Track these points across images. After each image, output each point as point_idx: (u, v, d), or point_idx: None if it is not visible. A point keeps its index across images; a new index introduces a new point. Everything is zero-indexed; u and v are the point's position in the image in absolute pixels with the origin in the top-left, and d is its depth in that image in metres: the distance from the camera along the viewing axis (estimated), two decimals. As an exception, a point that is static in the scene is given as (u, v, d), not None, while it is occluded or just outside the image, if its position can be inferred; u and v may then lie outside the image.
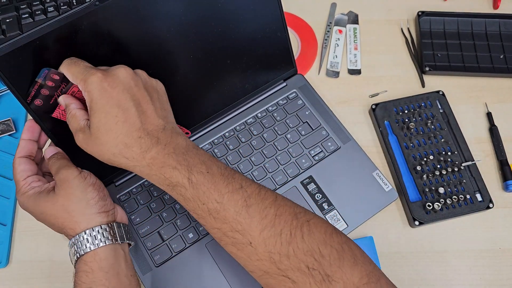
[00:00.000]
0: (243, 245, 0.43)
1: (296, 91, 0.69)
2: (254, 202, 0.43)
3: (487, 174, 0.66)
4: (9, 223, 0.62)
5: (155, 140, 0.44)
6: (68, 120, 0.47)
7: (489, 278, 0.60)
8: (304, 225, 0.43)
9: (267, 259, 0.42)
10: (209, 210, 0.44)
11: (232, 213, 0.43)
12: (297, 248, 0.41)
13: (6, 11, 0.74)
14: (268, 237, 0.42)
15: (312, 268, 0.40)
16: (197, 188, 0.43)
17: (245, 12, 0.57)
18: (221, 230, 0.44)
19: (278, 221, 0.42)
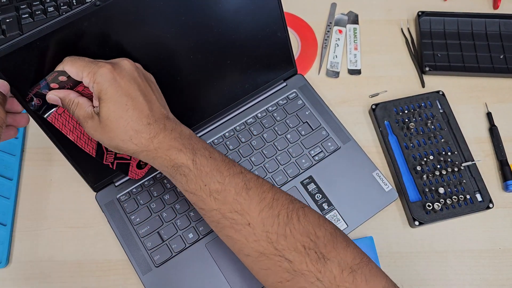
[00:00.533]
0: (242, 225, 0.44)
1: (296, 91, 0.69)
2: (253, 186, 0.46)
3: (487, 174, 0.66)
4: (9, 223, 0.62)
5: (162, 126, 0.46)
6: (72, 110, 0.47)
7: (489, 278, 0.60)
8: (299, 209, 0.45)
9: (265, 239, 0.43)
10: (211, 190, 0.45)
11: (233, 194, 0.45)
12: (294, 229, 0.43)
13: (6, 11, 0.74)
14: (266, 217, 0.44)
15: (308, 248, 0.42)
16: (201, 170, 0.45)
17: (245, 12, 0.57)
18: (220, 211, 0.45)
19: (276, 204, 0.45)
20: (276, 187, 0.47)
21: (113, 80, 0.44)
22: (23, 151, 0.68)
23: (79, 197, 0.64)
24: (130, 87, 0.45)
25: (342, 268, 0.41)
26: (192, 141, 0.47)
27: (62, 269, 0.60)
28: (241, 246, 0.45)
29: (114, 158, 0.56)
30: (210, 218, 0.47)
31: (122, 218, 0.61)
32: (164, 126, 0.46)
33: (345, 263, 0.42)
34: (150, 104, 0.47)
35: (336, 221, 0.60)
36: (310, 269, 0.42)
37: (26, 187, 0.65)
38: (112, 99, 0.44)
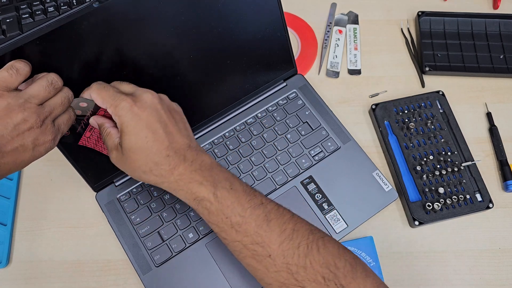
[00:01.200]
0: (263, 257, 0.45)
1: (296, 91, 0.69)
2: (274, 217, 0.46)
3: (487, 174, 0.66)
4: (9, 223, 0.62)
5: (182, 157, 0.47)
6: (104, 138, 0.50)
7: (489, 278, 0.60)
8: (319, 240, 0.45)
9: (285, 270, 0.44)
10: (232, 223, 0.46)
11: (254, 227, 0.45)
12: (314, 260, 0.43)
13: (6, 11, 0.74)
14: (287, 249, 0.44)
15: (327, 279, 0.43)
16: (222, 203, 0.46)
17: (245, 13, 0.57)
18: (242, 242, 0.46)
19: (296, 235, 0.45)
20: (296, 216, 0.47)
21: (133, 114, 0.46)
22: (23, 151, 0.68)
23: (79, 197, 0.64)
24: (150, 120, 0.47)
25: None
26: (213, 172, 0.47)
27: (62, 269, 0.60)
28: (262, 275, 0.46)
29: None
30: (232, 248, 0.48)
31: (122, 218, 0.61)
32: (184, 158, 0.47)
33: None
34: (171, 136, 0.48)
35: (336, 221, 0.60)
36: None
37: (26, 187, 0.65)
38: (132, 132, 0.46)
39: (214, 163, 0.49)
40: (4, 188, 0.64)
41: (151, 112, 0.47)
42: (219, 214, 0.46)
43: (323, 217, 0.60)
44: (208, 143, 0.65)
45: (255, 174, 0.63)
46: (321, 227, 0.60)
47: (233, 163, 0.64)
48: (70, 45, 0.47)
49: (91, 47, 0.48)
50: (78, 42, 0.47)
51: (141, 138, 0.46)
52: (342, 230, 0.60)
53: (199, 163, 0.48)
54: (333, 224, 0.60)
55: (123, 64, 0.52)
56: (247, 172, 0.63)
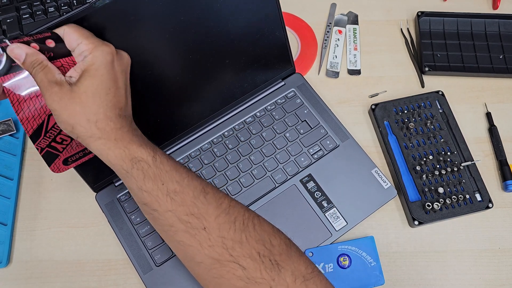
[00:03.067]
0: (197, 229, 0.43)
1: (295, 90, 0.69)
2: (211, 191, 0.45)
3: (487, 174, 0.66)
4: (9, 223, 0.62)
5: (129, 122, 0.46)
6: (36, 71, 0.44)
7: (488, 278, 0.60)
8: (255, 217, 0.45)
9: (220, 245, 0.43)
10: (168, 190, 0.44)
11: (191, 197, 0.44)
12: (250, 236, 0.43)
13: (7, 11, 0.74)
14: (223, 223, 0.43)
15: (263, 255, 0.42)
16: (160, 168, 0.44)
17: (243, 12, 0.57)
18: (176, 213, 0.44)
19: (232, 211, 0.44)
20: (230, 197, 0.47)
21: (110, 61, 0.44)
22: (24, 151, 0.68)
23: (79, 197, 0.64)
24: (120, 77, 0.45)
25: (296, 277, 0.42)
26: (152, 144, 0.46)
27: (63, 269, 0.60)
28: (194, 252, 0.44)
29: (48, 145, 0.51)
30: (162, 221, 0.45)
31: (123, 218, 0.61)
32: (131, 124, 0.46)
33: (299, 272, 0.42)
34: (127, 101, 0.47)
35: (335, 219, 0.60)
36: (264, 276, 0.41)
37: (27, 187, 0.65)
38: (100, 77, 0.43)
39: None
40: (5, 188, 0.64)
41: (123, 70, 0.46)
42: (156, 179, 0.44)
43: (323, 215, 0.60)
44: (208, 142, 0.66)
45: (255, 173, 0.63)
46: (320, 225, 0.60)
47: (233, 162, 0.64)
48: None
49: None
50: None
51: (104, 87, 0.43)
52: (342, 228, 0.60)
53: (140, 134, 0.47)
54: (332, 222, 0.60)
55: None
56: (246, 171, 0.63)
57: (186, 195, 0.44)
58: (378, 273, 0.58)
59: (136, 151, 0.44)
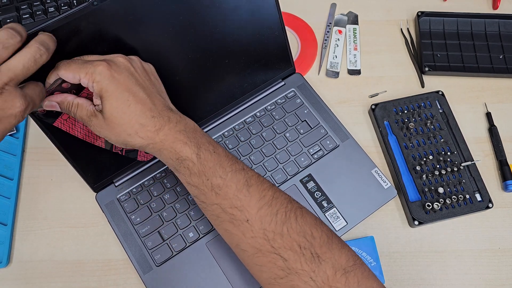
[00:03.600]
0: (240, 221, 0.45)
1: (295, 90, 0.69)
2: (254, 183, 0.46)
3: (487, 174, 0.66)
4: (9, 223, 0.62)
5: (167, 118, 0.47)
6: (73, 112, 0.47)
7: (488, 278, 0.60)
8: (297, 209, 0.46)
9: (262, 236, 0.44)
10: (213, 185, 0.46)
11: (234, 190, 0.45)
12: (291, 228, 0.44)
13: (7, 11, 0.74)
14: (265, 215, 0.44)
15: (303, 248, 0.43)
16: (204, 164, 0.46)
17: (243, 12, 0.57)
18: (221, 206, 0.46)
19: (275, 203, 0.45)
20: (275, 186, 0.48)
21: (111, 77, 0.45)
22: (24, 151, 0.68)
23: (80, 196, 0.64)
24: (129, 82, 0.46)
25: (336, 269, 0.42)
26: (196, 135, 0.47)
27: (63, 269, 0.60)
28: (238, 240, 0.46)
29: None
30: (210, 212, 0.47)
31: (123, 218, 0.61)
32: (169, 119, 0.47)
33: (339, 265, 0.42)
34: (152, 97, 0.47)
35: (335, 219, 0.60)
36: (304, 268, 0.42)
37: (27, 187, 0.65)
38: (113, 95, 0.45)
39: (197, 126, 0.49)
40: (5, 188, 0.64)
41: (127, 75, 0.46)
42: (201, 175, 0.46)
43: (323, 215, 0.60)
44: (208, 143, 0.66)
45: (255, 174, 0.63)
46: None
47: (233, 163, 0.64)
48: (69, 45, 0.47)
49: (91, 47, 0.48)
50: (78, 42, 0.47)
51: (123, 101, 0.45)
52: (342, 228, 0.60)
53: (183, 124, 0.47)
54: (332, 222, 0.60)
55: None
56: (247, 172, 0.63)
57: (229, 189, 0.45)
58: (378, 273, 0.58)
59: (181, 151, 0.46)
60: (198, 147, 0.46)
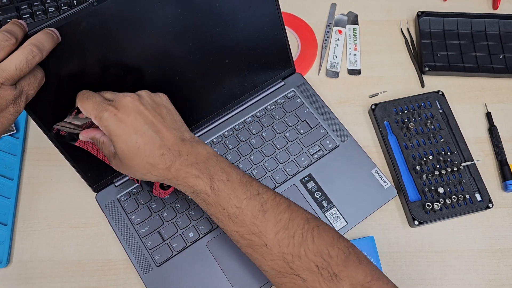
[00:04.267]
0: (259, 246, 0.46)
1: (295, 90, 0.69)
2: (270, 207, 0.47)
3: (487, 174, 0.66)
4: (9, 223, 0.62)
5: (177, 153, 0.47)
6: (100, 148, 0.50)
7: (488, 278, 0.60)
8: (314, 229, 0.46)
9: (281, 259, 0.45)
10: (229, 214, 0.47)
11: (250, 217, 0.46)
12: (308, 249, 0.44)
13: (7, 11, 0.74)
14: (282, 239, 0.45)
15: (321, 268, 0.44)
16: (218, 195, 0.47)
17: (242, 12, 0.57)
18: (239, 233, 0.47)
19: (292, 225, 0.46)
20: (293, 204, 0.48)
21: (118, 121, 0.46)
22: (24, 151, 0.68)
23: (80, 196, 0.64)
24: (136, 123, 0.46)
25: (354, 287, 0.43)
26: (209, 164, 0.47)
27: (63, 269, 0.60)
28: (259, 263, 0.47)
29: None
30: (231, 237, 0.49)
31: (123, 218, 0.61)
32: (179, 153, 0.47)
33: (357, 282, 0.43)
34: (161, 134, 0.47)
35: (335, 219, 0.60)
36: (323, 287, 0.43)
37: (27, 187, 0.65)
38: (122, 139, 0.46)
39: (210, 154, 0.49)
40: (5, 188, 0.64)
41: (135, 116, 0.46)
42: (217, 206, 0.47)
43: (323, 215, 0.60)
44: (208, 142, 0.66)
45: (255, 173, 0.63)
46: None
47: (233, 162, 0.64)
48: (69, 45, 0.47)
49: (91, 47, 0.48)
50: (78, 42, 0.47)
51: (131, 144, 0.46)
52: (342, 228, 0.60)
53: (194, 156, 0.47)
54: (332, 221, 0.60)
55: (123, 64, 0.52)
56: (246, 171, 0.63)
57: (245, 217, 0.46)
58: (378, 273, 0.58)
59: (194, 185, 0.47)
60: (211, 179, 0.47)
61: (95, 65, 0.50)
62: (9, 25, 0.42)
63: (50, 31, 0.44)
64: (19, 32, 0.42)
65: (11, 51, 0.42)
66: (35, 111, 0.50)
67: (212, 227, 0.60)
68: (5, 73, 0.41)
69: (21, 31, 0.42)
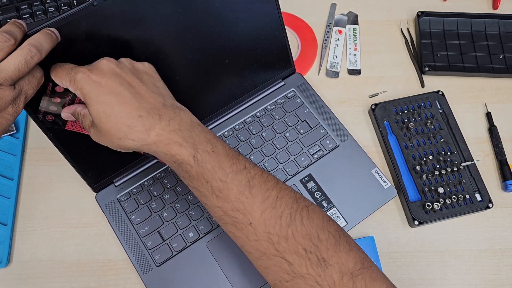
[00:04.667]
0: (243, 224, 0.44)
1: (295, 90, 0.69)
2: (257, 183, 0.44)
3: (487, 174, 0.66)
4: (9, 223, 0.62)
5: (157, 117, 0.44)
6: (81, 121, 0.48)
7: (488, 278, 0.60)
8: (303, 209, 0.44)
9: (266, 239, 0.43)
10: (213, 188, 0.44)
11: (235, 193, 0.43)
12: (296, 231, 0.42)
13: (7, 11, 0.74)
14: (269, 218, 0.43)
15: (309, 251, 0.41)
16: (202, 166, 0.44)
17: (242, 12, 0.57)
18: (222, 208, 0.44)
19: (279, 204, 0.43)
20: (281, 183, 0.46)
21: (92, 81, 0.44)
22: (24, 151, 0.68)
23: (80, 196, 0.64)
24: (110, 84, 0.44)
25: (343, 274, 0.41)
26: (193, 133, 0.45)
27: (62, 269, 0.60)
28: (242, 243, 0.45)
29: None
30: (213, 213, 0.46)
31: (123, 218, 0.61)
32: (160, 117, 0.44)
33: (346, 269, 0.41)
34: (139, 96, 0.45)
35: (335, 219, 0.60)
36: (310, 272, 0.41)
37: (27, 187, 0.65)
38: (96, 100, 0.44)
39: (194, 122, 0.46)
40: (5, 188, 0.64)
41: (110, 76, 0.44)
42: (200, 178, 0.44)
43: (323, 215, 0.60)
44: (208, 143, 0.65)
45: (255, 174, 0.63)
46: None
47: (233, 163, 0.64)
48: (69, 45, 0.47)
49: (91, 47, 0.48)
50: (78, 42, 0.47)
51: (106, 105, 0.43)
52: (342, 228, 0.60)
53: (177, 122, 0.45)
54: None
55: None
56: (247, 172, 0.63)
57: (230, 192, 0.44)
58: (378, 273, 0.58)
59: (176, 153, 0.44)
60: (195, 148, 0.44)
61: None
62: (8, 25, 0.42)
63: (49, 31, 0.43)
64: (18, 33, 0.42)
65: (10, 51, 0.41)
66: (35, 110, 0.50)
67: (212, 227, 0.60)
68: (3, 74, 0.40)
69: (20, 31, 0.42)
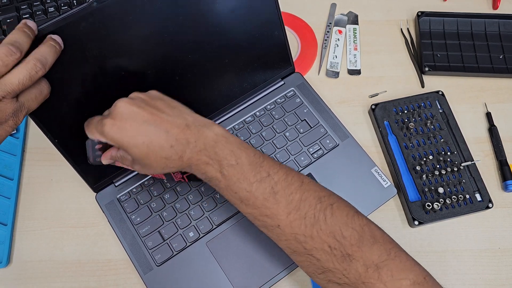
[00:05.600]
0: (272, 227, 0.47)
1: (294, 89, 0.69)
2: (281, 189, 0.47)
3: (487, 174, 0.66)
4: (9, 223, 0.62)
5: (185, 141, 0.47)
6: (122, 163, 0.51)
7: (488, 278, 0.60)
8: (327, 208, 0.46)
9: (294, 239, 0.46)
10: (241, 198, 0.47)
11: (261, 200, 0.47)
12: (320, 230, 0.45)
13: (7, 11, 0.74)
14: (294, 220, 0.46)
15: (334, 248, 0.44)
16: (229, 179, 0.47)
17: (242, 12, 0.57)
18: (253, 214, 0.48)
19: (303, 205, 0.46)
20: (306, 183, 0.48)
21: (118, 129, 0.46)
22: (24, 151, 0.68)
23: (80, 196, 0.64)
24: (135, 126, 0.46)
25: (367, 266, 0.43)
26: (217, 149, 0.47)
27: (63, 269, 0.60)
28: (276, 241, 0.49)
29: (181, 173, 0.61)
30: (247, 218, 0.50)
31: (123, 218, 0.61)
32: (187, 141, 0.47)
33: (370, 261, 0.43)
34: (164, 126, 0.47)
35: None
36: (337, 267, 0.44)
37: (27, 187, 0.65)
38: (130, 145, 0.46)
39: (218, 136, 0.48)
40: (5, 188, 0.64)
41: (132, 118, 0.46)
42: (228, 190, 0.48)
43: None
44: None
45: (255, 174, 0.63)
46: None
47: (233, 163, 0.64)
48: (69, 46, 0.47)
49: (91, 48, 0.48)
50: (77, 43, 0.47)
51: (140, 146, 0.46)
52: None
53: (202, 141, 0.47)
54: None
55: (123, 65, 0.52)
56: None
57: (257, 200, 0.47)
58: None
59: (206, 171, 0.48)
60: (220, 164, 0.47)
61: (95, 66, 0.50)
62: (17, 33, 0.42)
63: (53, 42, 0.44)
64: (25, 44, 0.42)
65: (15, 65, 0.42)
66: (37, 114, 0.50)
67: (212, 227, 0.60)
68: (7, 87, 0.41)
69: (28, 41, 0.42)
